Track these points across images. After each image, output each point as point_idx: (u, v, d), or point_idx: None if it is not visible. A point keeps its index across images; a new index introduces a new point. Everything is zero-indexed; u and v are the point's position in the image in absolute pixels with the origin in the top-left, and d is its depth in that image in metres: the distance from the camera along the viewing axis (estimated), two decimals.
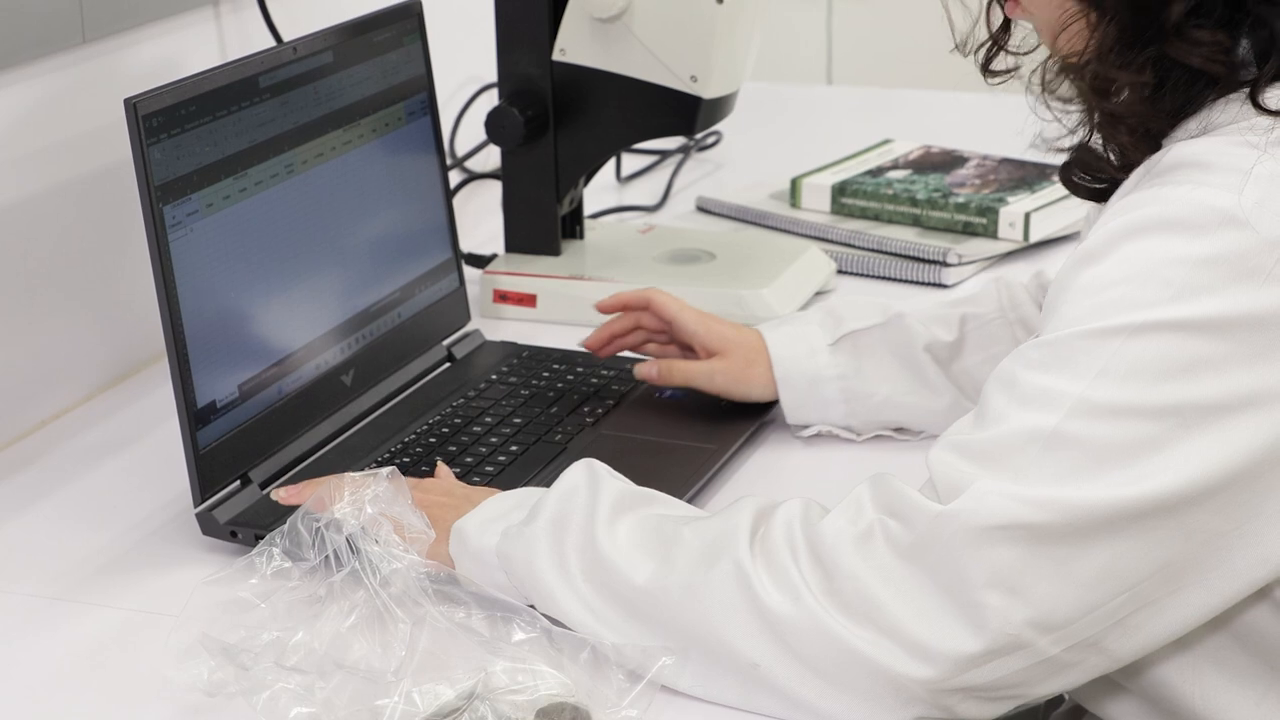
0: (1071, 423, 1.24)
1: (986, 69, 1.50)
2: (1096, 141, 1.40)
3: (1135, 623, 1.26)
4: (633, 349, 1.87)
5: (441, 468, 1.60)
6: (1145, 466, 1.23)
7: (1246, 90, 1.30)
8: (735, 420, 1.78)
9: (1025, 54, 1.49)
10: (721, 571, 1.31)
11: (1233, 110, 1.30)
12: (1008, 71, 1.50)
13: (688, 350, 1.82)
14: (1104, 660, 1.28)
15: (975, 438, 1.28)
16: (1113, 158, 1.38)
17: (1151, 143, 1.34)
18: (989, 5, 1.48)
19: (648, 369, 1.80)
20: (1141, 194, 1.29)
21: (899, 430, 1.77)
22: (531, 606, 1.37)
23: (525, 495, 1.47)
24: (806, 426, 1.77)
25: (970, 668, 1.25)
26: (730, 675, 1.31)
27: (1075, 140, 1.42)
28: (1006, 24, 1.48)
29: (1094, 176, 1.42)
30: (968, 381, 1.75)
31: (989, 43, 1.49)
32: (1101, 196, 1.42)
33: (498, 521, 1.44)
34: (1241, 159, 1.26)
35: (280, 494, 1.57)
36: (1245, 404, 1.23)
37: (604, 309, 1.86)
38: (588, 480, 1.42)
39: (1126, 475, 1.23)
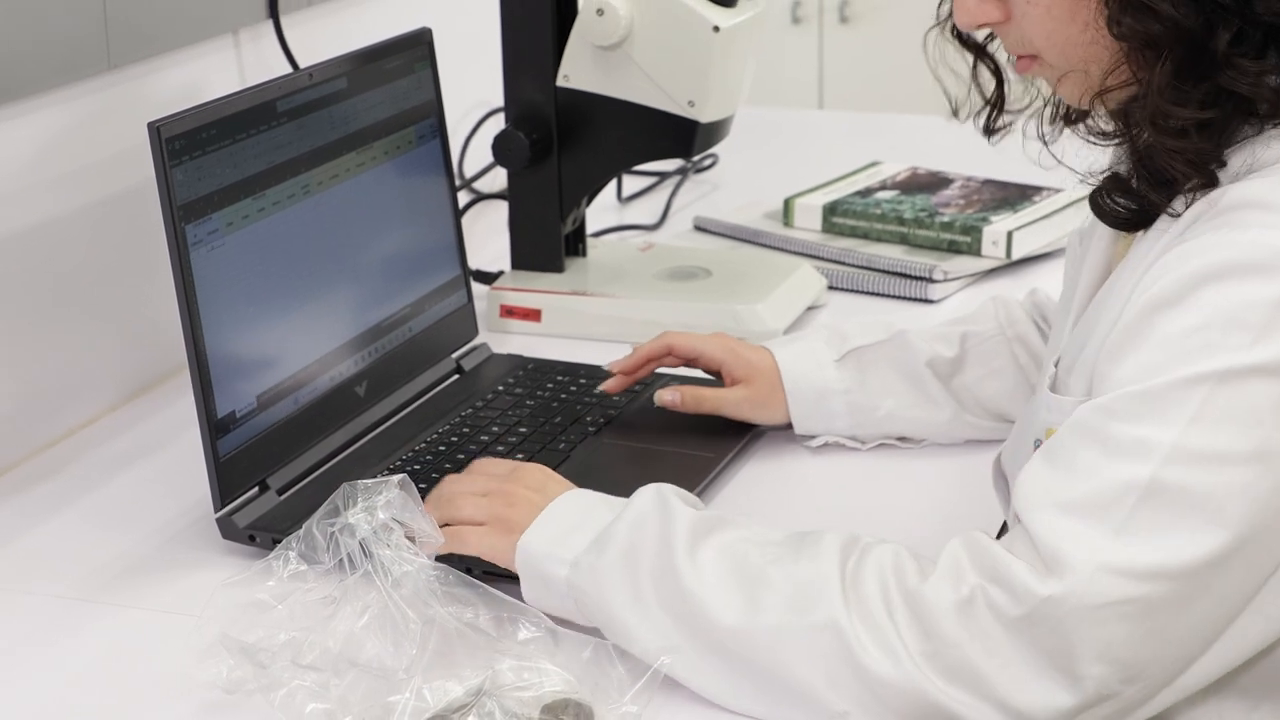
0: (1167, 471, 1.22)
1: (989, 130, 1.49)
2: (1129, 172, 1.38)
3: (1205, 658, 1.26)
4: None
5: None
6: (1236, 511, 1.21)
7: None
8: (731, 429, 1.77)
9: (1021, 110, 1.48)
10: (815, 622, 1.28)
11: (1278, 147, 1.29)
12: (1007, 127, 1.50)
13: (713, 374, 1.81)
14: (1175, 694, 1.27)
15: (1073, 494, 1.25)
16: (1144, 187, 1.35)
17: (1204, 173, 1.31)
18: (975, 67, 1.48)
19: (670, 397, 1.78)
20: (1207, 238, 1.26)
21: (901, 439, 1.77)
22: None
23: (588, 510, 1.42)
24: (814, 437, 1.76)
25: None
26: (810, 716, 1.29)
27: (1116, 164, 1.40)
28: (1000, 84, 1.48)
29: (1128, 206, 1.37)
30: (967, 396, 1.75)
31: (988, 106, 1.49)
32: (1133, 226, 1.38)
33: (561, 544, 1.39)
34: None
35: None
36: None
37: (627, 370, 1.82)
38: (658, 506, 1.38)
39: (1221, 522, 1.21)
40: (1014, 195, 2.35)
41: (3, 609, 1.51)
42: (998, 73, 1.48)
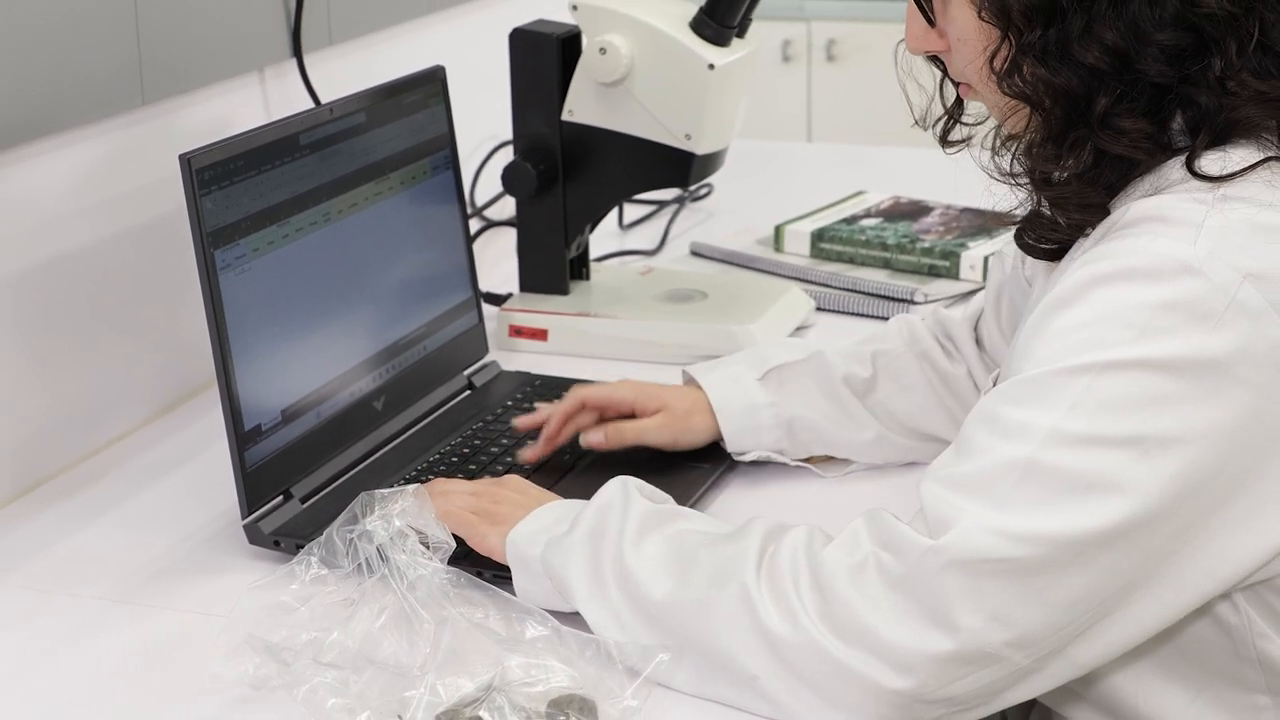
0: (1046, 451, 1.23)
1: (945, 140, 1.50)
2: (1046, 208, 1.40)
3: (1096, 632, 1.26)
4: None
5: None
6: (1112, 494, 1.22)
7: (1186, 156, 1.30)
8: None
9: (977, 124, 1.49)
10: (730, 593, 1.30)
11: (1179, 172, 1.30)
12: (963, 141, 1.50)
13: (628, 416, 1.75)
14: (1069, 666, 1.27)
15: (960, 470, 1.27)
16: (1062, 222, 1.38)
17: (1097, 211, 1.34)
18: (941, 83, 1.49)
19: (595, 437, 1.71)
20: (1106, 246, 1.28)
21: (827, 460, 1.74)
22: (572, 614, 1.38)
23: (570, 507, 1.46)
24: (744, 453, 1.72)
25: (948, 677, 1.24)
26: (732, 684, 1.30)
27: (1026, 208, 1.42)
28: (959, 100, 1.48)
29: (1046, 239, 1.42)
30: (883, 412, 1.72)
31: (945, 117, 1.50)
32: (1053, 256, 1.42)
33: (542, 533, 1.43)
34: (1193, 213, 1.26)
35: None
36: (1199, 436, 1.22)
37: (551, 435, 1.73)
38: (621, 496, 1.42)
39: (1096, 503, 1.22)
40: (990, 222, 2.35)
41: (45, 609, 1.51)
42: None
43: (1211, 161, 1.29)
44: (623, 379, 1.78)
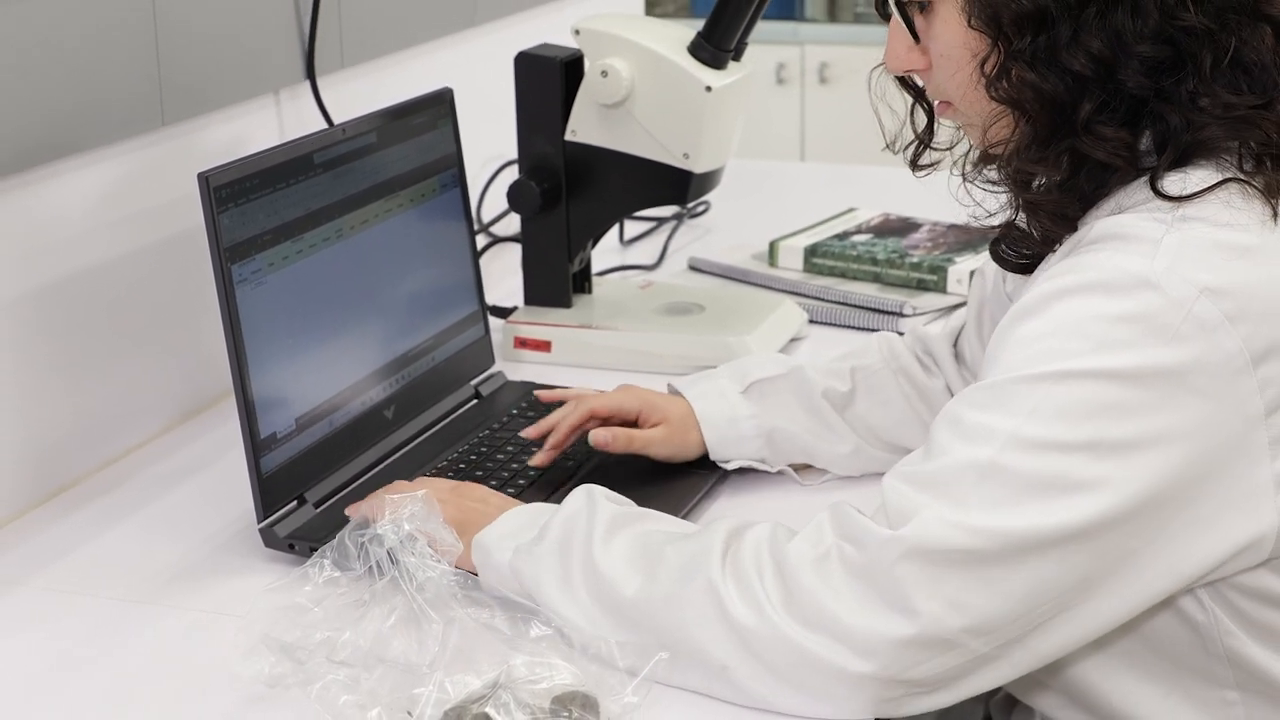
0: (1005, 455, 1.24)
1: (915, 164, 1.51)
2: (1021, 221, 1.40)
3: (1055, 625, 1.27)
4: None
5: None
6: (1068, 496, 1.23)
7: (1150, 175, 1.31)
8: None
9: (947, 149, 1.50)
10: (696, 587, 1.31)
11: (1143, 193, 1.31)
12: (932, 165, 1.51)
13: (631, 422, 1.76)
14: (1030, 656, 1.28)
15: (923, 468, 1.28)
16: (1036, 234, 1.39)
17: (1069, 224, 1.35)
18: (912, 109, 1.49)
19: (604, 437, 1.71)
20: (1069, 260, 1.29)
21: (807, 468, 1.74)
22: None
23: (537, 513, 1.46)
24: (727, 461, 1.73)
25: (908, 661, 1.25)
26: (704, 675, 1.31)
27: (1002, 218, 1.43)
28: (930, 125, 1.49)
29: (1019, 253, 1.43)
30: (861, 426, 1.73)
31: (916, 142, 1.50)
32: (1026, 269, 1.43)
33: (511, 538, 1.43)
34: (1153, 230, 1.27)
35: (351, 509, 1.57)
36: (1153, 443, 1.23)
37: (558, 445, 1.74)
38: (587, 504, 1.42)
39: (1052, 503, 1.23)
40: (976, 238, 2.35)
41: (68, 611, 1.51)
42: (930, 113, 1.49)
43: (1172, 183, 1.30)
44: (624, 385, 1.79)
